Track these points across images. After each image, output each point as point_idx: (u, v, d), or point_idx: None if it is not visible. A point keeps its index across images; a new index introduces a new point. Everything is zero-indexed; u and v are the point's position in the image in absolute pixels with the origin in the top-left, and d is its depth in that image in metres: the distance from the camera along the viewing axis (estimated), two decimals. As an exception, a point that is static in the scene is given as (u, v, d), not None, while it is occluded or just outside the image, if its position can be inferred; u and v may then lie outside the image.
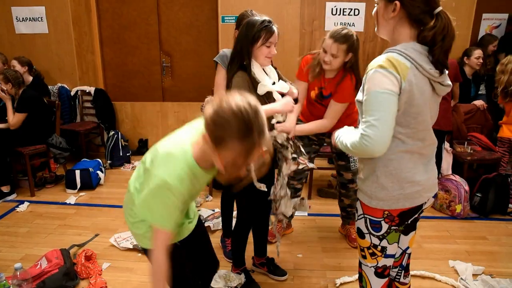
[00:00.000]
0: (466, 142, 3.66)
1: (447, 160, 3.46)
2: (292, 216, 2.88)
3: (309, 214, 3.29)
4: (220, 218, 2.77)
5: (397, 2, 1.30)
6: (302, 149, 2.12)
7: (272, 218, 2.23)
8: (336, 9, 4.49)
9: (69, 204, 3.49)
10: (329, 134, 2.55)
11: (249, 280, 2.29)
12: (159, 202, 1.25)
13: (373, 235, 1.44)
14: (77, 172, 3.75)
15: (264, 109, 1.27)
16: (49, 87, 4.61)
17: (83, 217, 3.22)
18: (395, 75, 1.25)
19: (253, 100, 1.18)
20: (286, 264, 2.52)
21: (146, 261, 2.55)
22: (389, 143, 1.28)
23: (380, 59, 1.29)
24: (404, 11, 1.31)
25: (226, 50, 2.29)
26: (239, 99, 1.15)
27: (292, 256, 2.63)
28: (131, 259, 2.60)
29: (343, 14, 4.49)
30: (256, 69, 1.91)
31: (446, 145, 3.53)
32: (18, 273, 2.03)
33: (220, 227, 2.84)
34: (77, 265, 2.40)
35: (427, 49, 1.30)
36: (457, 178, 3.27)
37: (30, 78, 4.15)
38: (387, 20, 1.36)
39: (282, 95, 2.00)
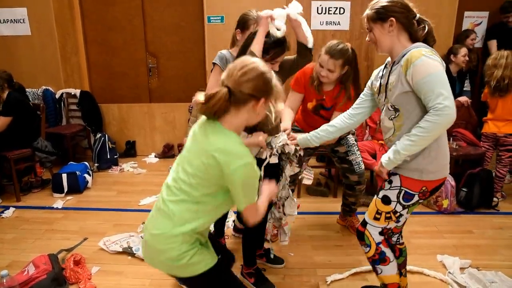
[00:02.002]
0: (451, 138, 3.72)
1: (434, 156, 3.52)
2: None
3: (298, 213, 3.29)
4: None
5: (392, 18, 1.64)
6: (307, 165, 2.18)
7: (272, 224, 2.24)
8: (322, 8, 4.52)
9: (56, 208, 3.44)
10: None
11: (263, 279, 2.28)
12: (251, 182, 1.36)
13: (400, 203, 1.71)
14: (64, 176, 3.70)
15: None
16: (33, 90, 4.55)
17: (71, 221, 3.18)
18: (439, 60, 1.57)
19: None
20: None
21: (137, 264, 2.54)
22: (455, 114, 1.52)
23: (419, 51, 1.56)
24: (398, 23, 1.65)
25: (224, 51, 2.28)
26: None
27: (283, 254, 2.64)
28: (121, 263, 2.57)
29: (328, 13, 4.53)
30: None
31: (432, 141, 3.58)
32: (4, 281, 1.99)
33: (212, 228, 2.83)
34: (65, 270, 2.37)
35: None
36: (443, 173, 3.32)
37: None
38: (388, 35, 1.68)
39: None
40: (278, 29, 1.97)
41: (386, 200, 1.75)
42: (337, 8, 4.52)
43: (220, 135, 1.36)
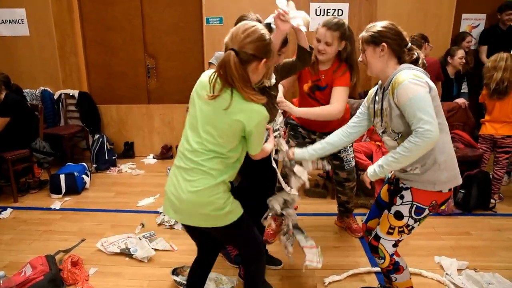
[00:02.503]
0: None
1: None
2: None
3: (297, 214, 3.31)
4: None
5: (384, 44, 1.73)
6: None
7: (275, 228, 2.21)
8: (320, 9, 4.53)
9: (54, 209, 3.44)
10: (322, 133, 2.58)
11: (264, 285, 2.24)
12: (263, 131, 1.64)
13: (412, 218, 1.78)
14: (62, 177, 3.70)
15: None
16: (31, 90, 4.54)
17: (68, 222, 3.17)
18: (422, 82, 1.62)
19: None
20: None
21: (134, 265, 2.54)
22: (438, 135, 1.59)
23: (405, 75, 1.63)
24: (389, 48, 1.74)
25: (221, 52, 2.30)
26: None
27: (281, 256, 2.63)
28: (118, 264, 2.57)
29: (327, 15, 4.53)
30: None
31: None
32: (1, 282, 1.99)
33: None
34: (63, 271, 2.36)
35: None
36: (441, 175, 3.33)
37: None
38: (378, 58, 1.77)
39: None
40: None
41: (398, 215, 1.80)
42: (335, 10, 4.53)
43: (239, 99, 1.51)
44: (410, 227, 1.81)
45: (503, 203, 3.51)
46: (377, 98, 1.87)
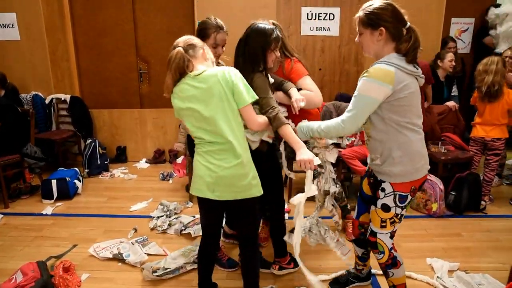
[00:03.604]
0: (440, 143, 3.77)
1: (423, 160, 3.55)
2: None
3: (289, 218, 3.32)
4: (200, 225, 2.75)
5: (382, 28, 1.69)
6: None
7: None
8: (312, 14, 4.56)
9: (46, 215, 3.41)
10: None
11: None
12: (244, 81, 1.83)
13: (398, 206, 1.84)
14: (54, 182, 3.67)
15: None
16: (22, 95, 4.51)
17: (60, 228, 3.15)
18: (385, 86, 1.66)
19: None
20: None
21: (127, 270, 2.53)
22: (353, 131, 1.81)
23: (374, 71, 1.67)
24: (387, 32, 1.70)
25: None
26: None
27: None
28: (111, 269, 2.56)
29: (318, 19, 4.57)
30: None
31: (421, 145, 3.62)
32: (-8, 288, 1.97)
33: (201, 233, 2.82)
34: (54, 277, 2.34)
35: (403, 56, 1.72)
36: (432, 177, 3.36)
37: (2, 92, 4.05)
38: (375, 43, 1.74)
39: None
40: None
41: (386, 208, 1.86)
42: (327, 14, 4.56)
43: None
44: (399, 215, 1.87)
45: (493, 205, 3.55)
46: None
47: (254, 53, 2.00)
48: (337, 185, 2.20)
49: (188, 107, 1.84)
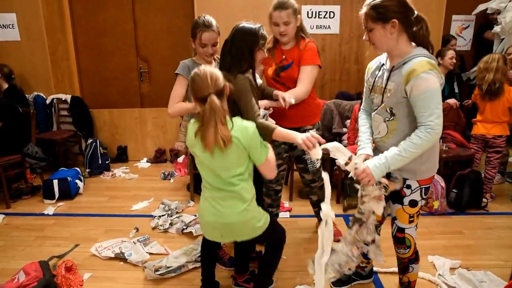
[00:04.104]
0: (441, 140, 3.76)
1: (424, 158, 3.55)
2: (277, 215, 2.89)
3: (291, 216, 3.33)
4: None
5: (395, 20, 1.61)
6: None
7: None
8: (312, 12, 4.56)
9: (47, 215, 3.41)
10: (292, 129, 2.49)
11: None
12: (260, 140, 1.80)
13: (423, 198, 1.84)
14: (55, 182, 3.67)
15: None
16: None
17: (62, 228, 3.15)
18: (438, 75, 1.60)
19: None
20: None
21: (129, 270, 2.53)
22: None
23: (422, 65, 1.58)
24: (400, 24, 1.63)
25: (186, 61, 2.38)
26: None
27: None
28: (113, 268, 2.56)
29: (318, 17, 4.56)
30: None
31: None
32: (-5, 288, 1.98)
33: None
34: (57, 277, 2.34)
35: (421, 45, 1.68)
36: (433, 175, 3.36)
37: (5, 85, 4.06)
38: (389, 36, 1.65)
39: None
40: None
41: (413, 203, 1.84)
42: (327, 12, 4.56)
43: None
44: (422, 206, 1.89)
45: (495, 202, 3.55)
46: (379, 73, 1.82)
47: (241, 53, 1.99)
48: (378, 230, 2.10)
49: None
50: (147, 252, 2.69)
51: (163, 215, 3.27)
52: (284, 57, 2.45)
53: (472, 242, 2.85)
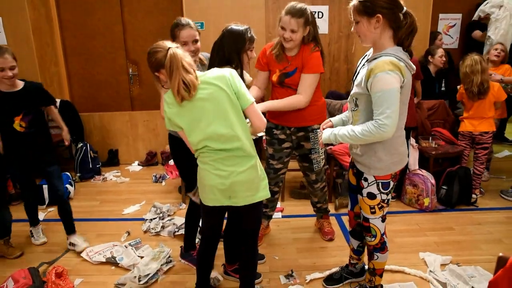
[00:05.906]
0: (430, 137, 3.80)
1: (414, 156, 3.57)
2: (270, 216, 2.95)
3: (283, 216, 3.33)
4: (200, 229, 2.74)
5: (379, 15, 1.64)
6: None
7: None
8: (301, 12, 4.56)
9: (37, 220, 3.37)
10: (298, 129, 2.58)
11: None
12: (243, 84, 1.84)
13: (383, 193, 1.89)
14: (45, 187, 3.64)
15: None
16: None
17: (52, 233, 3.12)
18: (399, 76, 1.63)
19: None
20: (262, 266, 2.53)
21: (120, 274, 2.52)
22: (394, 131, 1.69)
23: (384, 63, 1.63)
24: (384, 19, 1.66)
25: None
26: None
27: (268, 258, 2.64)
28: (104, 273, 2.54)
29: (307, 18, 4.57)
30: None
31: (412, 141, 3.65)
32: (-17, 296, 1.95)
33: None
34: (47, 283, 2.32)
35: (401, 43, 1.72)
36: (423, 172, 3.39)
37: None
38: (373, 31, 1.69)
39: None
40: None
41: (371, 196, 1.92)
42: (315, 12, 4.57)
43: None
44: (386, 200, 1.93)
45: (484, 198, 3.59)
46: (362, 62, 1.90)
47: (229, 55, 2.06)
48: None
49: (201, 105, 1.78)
50: (138, 256, 2.68)
51: (154, 218, 3.25)
52: (289, 63, 2.46)
53: (463, 238, 2.88)
